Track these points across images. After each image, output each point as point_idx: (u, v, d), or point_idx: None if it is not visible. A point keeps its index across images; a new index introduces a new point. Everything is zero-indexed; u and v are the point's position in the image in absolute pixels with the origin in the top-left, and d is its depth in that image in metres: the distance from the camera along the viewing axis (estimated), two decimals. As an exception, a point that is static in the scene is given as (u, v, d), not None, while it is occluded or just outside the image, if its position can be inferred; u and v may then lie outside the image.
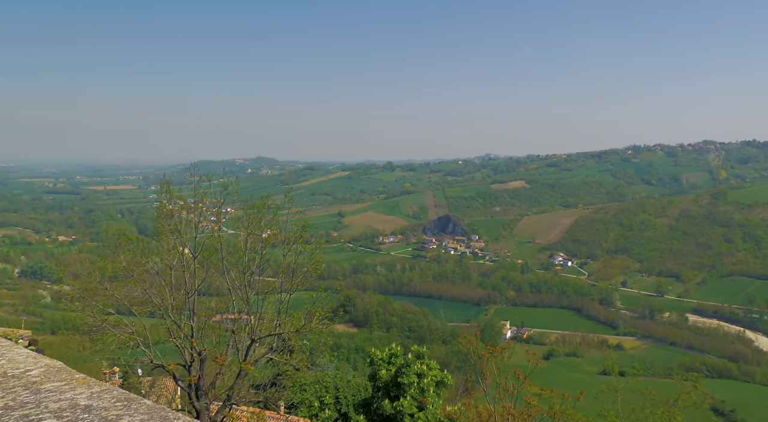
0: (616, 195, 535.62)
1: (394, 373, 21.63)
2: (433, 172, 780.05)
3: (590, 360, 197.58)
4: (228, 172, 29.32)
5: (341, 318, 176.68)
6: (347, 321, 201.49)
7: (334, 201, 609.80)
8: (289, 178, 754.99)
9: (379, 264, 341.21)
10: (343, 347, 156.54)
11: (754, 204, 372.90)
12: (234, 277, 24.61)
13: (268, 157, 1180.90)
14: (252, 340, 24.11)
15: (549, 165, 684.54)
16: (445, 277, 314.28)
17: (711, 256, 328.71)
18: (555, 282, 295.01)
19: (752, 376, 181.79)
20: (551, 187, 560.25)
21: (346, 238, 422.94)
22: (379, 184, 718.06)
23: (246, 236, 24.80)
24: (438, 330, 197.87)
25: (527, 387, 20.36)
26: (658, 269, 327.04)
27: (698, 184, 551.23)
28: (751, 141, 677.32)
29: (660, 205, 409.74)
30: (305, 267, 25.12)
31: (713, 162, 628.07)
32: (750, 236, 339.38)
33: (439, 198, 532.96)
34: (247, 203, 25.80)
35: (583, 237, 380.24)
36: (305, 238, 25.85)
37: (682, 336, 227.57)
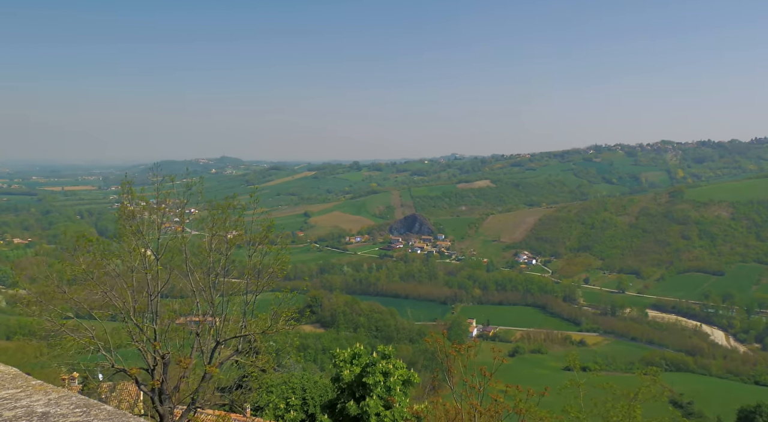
0: (578, 194, 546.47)
1: (359, 373, 21.57)
2: (400, 172, 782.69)
3: (554, 356, 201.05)
4: (192, 172, 28.84)
5: (308, 318, 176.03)
6: (314, 321, 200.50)
7: (300, 201, 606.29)
8: (255, 178, 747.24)
9: (346, 264, 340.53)
10: (310, 348, 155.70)
11: (709, 202, 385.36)
12: (198, 279, 24.24)
13: (232, 157, 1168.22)
14: (217, 342, 23.78)
15: (513, 164, 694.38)
16: (411, 277, 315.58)
17: (669, 253, 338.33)
18: (520, 280, 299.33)
19: (708, 369, 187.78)
20: (516, 187, 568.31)
21: (313, 238, 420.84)
22: (346, 183, 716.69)
23: (210, 237, 24.45)
24: (405, 330, 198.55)
25: (493, 385, 20.58)
26: (619, 266, 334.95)
27: (657, 182, 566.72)
28: (706, 141, 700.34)
29: (621, 204, 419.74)
30: (271, 268, 24.89)
31: (671, 161, 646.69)
32: (706, 233, 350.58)
33: (405, 197, 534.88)
34: (212, 203, 25.44)
35: (547, 235, 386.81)
36: (271, 239, 25.61)
37: (642, 331, 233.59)
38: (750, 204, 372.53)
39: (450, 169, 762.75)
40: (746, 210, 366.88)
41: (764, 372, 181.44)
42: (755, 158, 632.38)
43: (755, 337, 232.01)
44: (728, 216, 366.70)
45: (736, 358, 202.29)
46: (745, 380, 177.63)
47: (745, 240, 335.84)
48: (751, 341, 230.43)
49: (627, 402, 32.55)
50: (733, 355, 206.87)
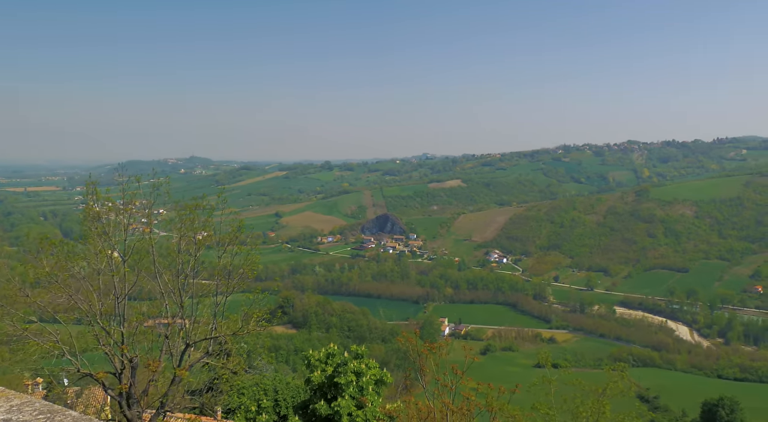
0: (548, 193, 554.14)
1: (330, 373, 21.52)
2: (371, 172, 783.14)
3: (525, 353, 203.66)
4: (159, 172, 28.44)
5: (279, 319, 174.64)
6: (286, 322, 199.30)
7: (271, 201, 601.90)
8: (225, 178, 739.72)
9: (317, 265, 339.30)
10: (282, 349, 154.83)
11: (674, 200, 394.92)
12: (167, 280, 23.87)
13: (202, 157, 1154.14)
14: (187, 345, 23.45)
15: (484, 164, 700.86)
16: (384, 276, 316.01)
17: (636, 251, 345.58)
18: (491, 279, 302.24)
19: (673, 364, 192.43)
20: (487, 186, 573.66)
21: (284, 239, 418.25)
22: (317, 183, 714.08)
23: (179, 238, 24.11)
24: (377, 329, 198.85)
25: (465, 383, 20.76)
26: (587, 264, 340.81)
27: (624, 181, 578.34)
28: (670, 141, 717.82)
29: (589, 203, 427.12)
30: (241, 269, 24.64)
31: (637, 161, 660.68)
32: (671, 231, 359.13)
33: (377, 197, 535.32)
34: (180, 204, 25.07)
35: (518, 234, 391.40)
36: (241, 239, 25.37)
37: (610, 328, 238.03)
38: (712, 202, 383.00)
39: (421, 169, 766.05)
40: (709, 208, 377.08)
41: (726, 366, 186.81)
42: (717, 158, 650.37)
43: (718, 332, 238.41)
44: (692, 214, 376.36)
45: (700, 353, 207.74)
46: (708, 374, 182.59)
47: (708, 238, 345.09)
48: (714, 336, 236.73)
49: (596, 398, 33.11)
50: (696, 350, 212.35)
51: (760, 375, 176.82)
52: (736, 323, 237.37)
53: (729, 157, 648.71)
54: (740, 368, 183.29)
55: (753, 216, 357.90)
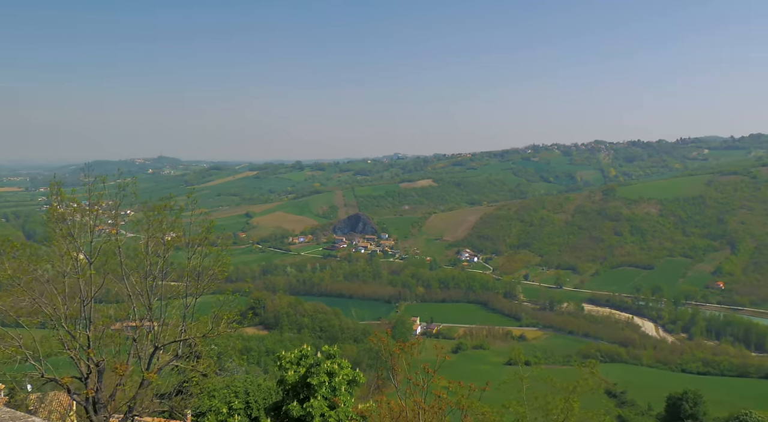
0: (517, 192, 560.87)
1: (303, 374, 21.43)
2: (343, 172, 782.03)
3: (496, 351, 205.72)
4: (126, 173, 27.91)
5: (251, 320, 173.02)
6: (257, 323, 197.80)
7: (241, 201, 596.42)
8: (194, 179, 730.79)
9: (289, 265, 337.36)
10: (254, 350, 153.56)
11: (639, 199, 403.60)
12: (135, 282, 23.49)
13: (170, 157, 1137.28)
14: (155, 348, 23.12)
15: (455, 164, 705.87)
16: (356, 276, 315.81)
17: (603, 249, 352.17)
18: (462, 278, 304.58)
19: (640, 359, 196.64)
20: (457, 185, 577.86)
21: (255, 239, 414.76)
22: (288, 183, 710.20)
23: (147, 239, 23.75)
24: (350, 329, 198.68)
25: (436, 381, 20.90)
26: (556, 262, 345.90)
27: (591, 181, 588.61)
28: (636, 141, 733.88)
29: (557, 202, 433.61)
30: (212, 270, 24.40)
31: (604, 160, 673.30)
32: (636, 229, 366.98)
33: (348, 197, 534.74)
34: (148, 205, 24.69)
35: (488, 233, 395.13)
36: (211, 240, 25.12)
37: (578, 325, 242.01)
38: (676, 201, 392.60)
39: (393, 169, 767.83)
40: (673, 207, 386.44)
41: (690, 360, 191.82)
42: (680, 157, 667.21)
43: (682, 328, 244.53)
44: (657, 212, 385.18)
45: (665, 348, 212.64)
46: (673, 368, 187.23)
47: (672, 236, 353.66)
48: (678, 331, 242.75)
49: (566, 395, 33.66)
50: (662, 345, 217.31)
51: (722, 368, 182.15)
52: (699, 318, 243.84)
53: (692, 157, 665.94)
54: (703, 362, 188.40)
55: (714, 214, 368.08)
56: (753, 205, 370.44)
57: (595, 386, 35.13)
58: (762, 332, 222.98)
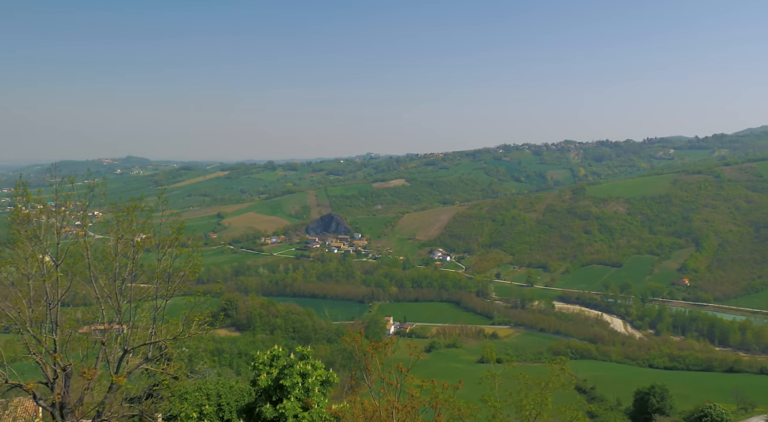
0: (489, 191, 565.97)
1: (276, 375, 21.33)
2: (315, 171, 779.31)
3: (469, 349, 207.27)
4: (94, 173, 27.39)
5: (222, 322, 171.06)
6: (229, 325, 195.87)
7: (212, 202, 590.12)
8: (164, 179, 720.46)
9: (261, 266, 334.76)
10: (226, 352, 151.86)
11: (608, 198, 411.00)
12: (103, 285, 23.07)
13: (139, 157, 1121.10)
14: (125, 351, 22.75)
15: (427, 164, 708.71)
16: (329, 276, 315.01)
17: (573, 247, 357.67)
18: (435, 277, 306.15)
19: (609, 355, 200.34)
20: (430, 185, 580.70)
21: (227, 240, 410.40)
22: (260, 183, 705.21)
23: (116, 241, 23.36)
24: (323, 330, 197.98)
25: (410, 380, 21.01)
26: (528, 261, 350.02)
27: (561, 180, 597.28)
28: (604, 141, 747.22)
29: (528, 201, 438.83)
30: (182, 272, 24.11)
31: (573, 160, 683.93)
32: (605, 228, 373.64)
33: (321, 197, 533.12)
34: (117, 206, 24.28)
35: (461, 232, 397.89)
36: (182, 241, 24.83)
37: (549, 323, 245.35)
38: (643, 200, 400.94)
39: (366, 169, 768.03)
40: (640, 205, 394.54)
41: (657, 355, 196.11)
42: (647, 157, 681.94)
43: (649, 324, 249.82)
44: (625, 211, 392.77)
45: (633, 344, 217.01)
46: (640, 364, 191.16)
47: (640, 234, 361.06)
48: (645, 327, 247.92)
49: (539, 391, 34.11)
50: (630, 341, 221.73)
51: (687, 363, 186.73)
52: (666, 314, 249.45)
53: (658, 156, 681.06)
54: (669, 357, 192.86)
55: (680, 212, 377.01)
56: (716, 204, 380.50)
57: (566, 382, 35.64)
58: (725, 327, 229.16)
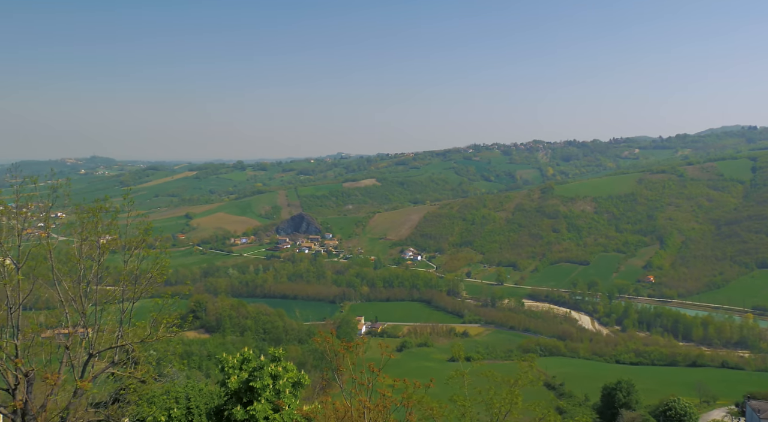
0: (459, 191, 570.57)
1: (246, 378, 21.16)
2: (285, 171, 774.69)
3: (440, 348, 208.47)
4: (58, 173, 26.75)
5: (191, 324, 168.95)
6: (198, 327, 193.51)
7: (180, 202, 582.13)
8: (130, 179, 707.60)
9: (231, 267, 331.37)
10: (195, 354, 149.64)
11: (576, 197, 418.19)
12: (67, 288, 22.54)
13: (104, 157, 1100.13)
14: (90, 355, 22.25)
15: (398, 163, 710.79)
16: (299, 277, 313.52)
17: (542, 245, 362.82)
18: (406, 276, 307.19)
19: (577, 352, 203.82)
20: (401, 185, 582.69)
21: (195, 241, 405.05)
22: (230, 183, 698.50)
23: (80, 242, 22.83)
24: (294, 330, 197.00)
25: (382, 380, 21.04)
26: (498, 259, 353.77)
27: (530, 179, 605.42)
28: (572, 141, 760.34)
29: (498, 200, 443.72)
30: (150, 273, 23.70)
31: (542, 160, 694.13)
32: (573, 226, 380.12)
33: (292, 197, 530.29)
34: (81, 207, 23.74)
35: (431, 232, 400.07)
36: (149, 242, 24.40)
37: (519, 321, 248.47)
38: (610, 198, 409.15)
39: (336, 168, 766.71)
40: (607, 204, 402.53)
41: (623, 351, 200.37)
42: (613, 157, 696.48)
43: (616, 320, 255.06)
44: (592, 210, 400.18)
45: (600, 340, 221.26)
46: (608, 360, 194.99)
47: (606, 232, 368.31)
48: (612, 324, 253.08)
49: (508, 389, 34.46)
50: (597, 338, 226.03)
51: (653, 358, 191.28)
52: (632, 311, 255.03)
53: (624, 156, 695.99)
54: (635, 353, 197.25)
55: (645, 210, 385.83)
56: (680, 202, 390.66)
57: (535, 379, 36.13)
58: (689, 323, 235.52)
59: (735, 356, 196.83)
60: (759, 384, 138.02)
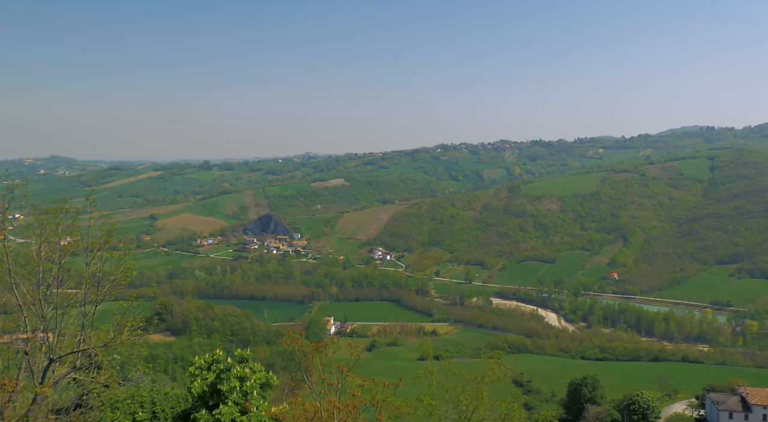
0: (428, 190, 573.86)
1: (213, 380, 20.83)
2: (253, 171, 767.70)
3: (409, 347, 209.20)
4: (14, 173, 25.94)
5: (157, 327, 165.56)
6: (164, 329, 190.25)
7: (145, 203, 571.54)
8: (92, 179, 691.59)
9: (197, 268, 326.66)
10: (160, 357, 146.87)
11: (542, 196, 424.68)
12: (26, 291, 21.88)
13: (64, 156, 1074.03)
14: (50, 360, 21.64)
15: (367, 163, 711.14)
16: (268, 277, 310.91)
17: (509, 244, 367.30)
18: (375, 276, 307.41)
19: (544, 348, 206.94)
20: (369, 184, 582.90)
21: (161, 242, 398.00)
22: (195, 183, 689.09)
23: (39, 245, 22.19)
24: (262, 332, 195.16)
25: (351, 380, 20.98)
26: (466, 258, 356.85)
27: (497, 179, 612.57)
28: (538, 140, 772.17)
29: (466, 199, 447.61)
30: (113, 276, 23.18)
31: (509, 159, 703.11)
32: (539, 225, 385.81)
33: (259, 197, 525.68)
34: (40, 208, 23.07)
35: (400, 231, 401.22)
36: (112, 244, 23.86)
37: (487, 319, 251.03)
38: (575, 197, 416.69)
39: (305, 168, 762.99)
40: (572, 203, 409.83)
41: (589, 347, 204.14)
42: (578, 156, 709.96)
43: (581, 317, 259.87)
44: (558, 209, 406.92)
45: (566, 337, 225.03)
46: (573, 356, 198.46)
47: (572, 230, 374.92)
48: (578, 321, 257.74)
49: (475, 386, 34.80)
50: (563, 335, 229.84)
51: (617, 354, 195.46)
52: (596, 308, 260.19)
53: (588, 155, 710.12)
54: (600, 349, 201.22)
55: (609, 209, 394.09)
56: (642, 201, 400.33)
57: (502, 376, 36.58)
58: (651, 318, 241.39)
59: (695, 350, 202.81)
60: (718, 377, 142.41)
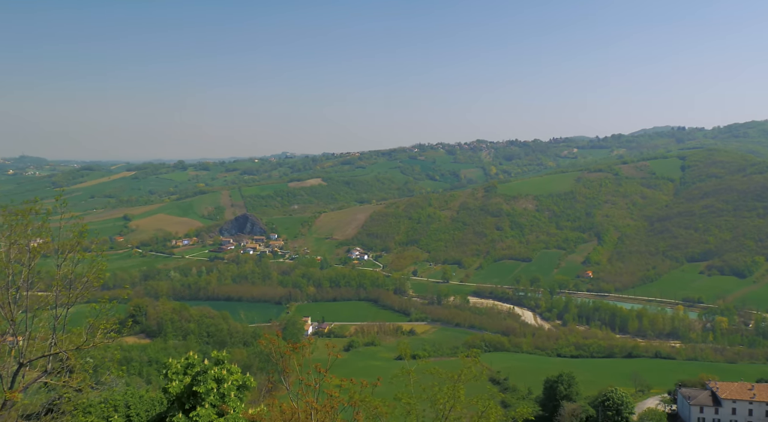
0: (405, 190, 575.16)
1: (189, 383, 20.57)
2: (229, 171, 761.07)
3: (387, 347, 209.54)
4: (-18, 173, 25.10)
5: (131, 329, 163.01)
6: (138, 332, 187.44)
7: (118, 203, 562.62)
8: (63, 180, 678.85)
9: (173, 269, 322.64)
10: (135, 360, 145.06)
11: (518, 195, 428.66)
12: (-6, 295, 21.33)
13: (34, 156, 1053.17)
14: (20, 364, 21.16)
15: (344, 163, 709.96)
16: (244, 278, 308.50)
17: (486, 243, 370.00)
18: (353, 276, 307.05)
19: (520, 346, 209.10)
20: (347, 184, 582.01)
21: (134, 243, 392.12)
22: (170, 184, 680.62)
23: (8, 246, 21.68)
24: (239, 333, 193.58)
25: (329, 380, 20.93)
26: (443, 257, 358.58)
27: (474, 178, 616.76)
28: (514, 140, 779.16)
29: (443, 199, 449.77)
30: (85, 278, 22.74)
31: (485, 159, 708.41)
32: (516, 224, 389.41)
33: (235, 197, 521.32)
34: (9, 209, 22.55)
35: (378, 231, 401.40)
36: (84, 245, 23.40)
37: (464, 318, 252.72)
38: (550, 196, 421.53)
39: (281, 168, 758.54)
40: (547, 202, 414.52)
41: (564, 345, 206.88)
42: (553, 156, 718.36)
43: (557, 315, 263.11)
44: (533, 208, 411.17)
45: (542, 335, 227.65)
46: (549, 354, 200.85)
47: (547, 229, 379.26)
48: (553, 319, 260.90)
49: (452, 384, 34.97)
50: (539, 333, 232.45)
51: (591, 351, 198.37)
52: (572, 306, 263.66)
53: (563, 155, 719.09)
54: (575, 346, 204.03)
55: (583, 208, 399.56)
56: (615, 200, 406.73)
57: (478, 374, 36.79)
58: (625, 315, 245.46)
59: (667, 346, 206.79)
60: (689, 372, 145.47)
